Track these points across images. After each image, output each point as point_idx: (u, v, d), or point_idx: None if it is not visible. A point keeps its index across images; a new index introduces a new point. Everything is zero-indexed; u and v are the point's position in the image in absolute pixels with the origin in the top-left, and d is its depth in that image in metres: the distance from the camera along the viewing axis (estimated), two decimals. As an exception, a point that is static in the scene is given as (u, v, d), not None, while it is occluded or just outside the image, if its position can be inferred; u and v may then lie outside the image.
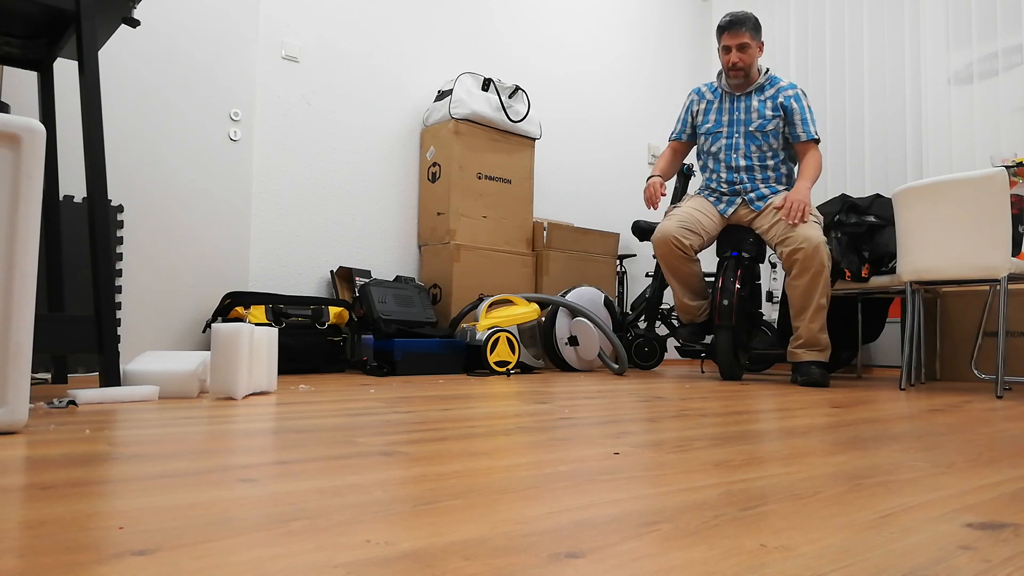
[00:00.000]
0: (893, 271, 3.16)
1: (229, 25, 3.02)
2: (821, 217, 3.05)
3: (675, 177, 3.95)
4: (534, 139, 3.97)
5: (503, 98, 3.83)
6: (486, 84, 3.76)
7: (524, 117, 3.89)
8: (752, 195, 3.12)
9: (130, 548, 0.57)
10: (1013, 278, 2.50)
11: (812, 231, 2.89)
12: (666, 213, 3.21)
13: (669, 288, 3.55)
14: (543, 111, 4.49)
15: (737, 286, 3.02)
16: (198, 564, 0.53)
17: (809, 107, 3.12)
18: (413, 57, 3.88)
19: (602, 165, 4.81)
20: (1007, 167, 3.20)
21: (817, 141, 3.10)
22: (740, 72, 3.12)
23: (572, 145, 4.64)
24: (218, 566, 0.53)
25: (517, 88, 3.90)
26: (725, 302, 2.99)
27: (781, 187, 3.13)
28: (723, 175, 3.18)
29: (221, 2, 3.00)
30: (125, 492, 0.77)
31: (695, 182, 4.93)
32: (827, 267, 2.89)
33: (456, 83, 3.68)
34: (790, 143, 3.17)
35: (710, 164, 3.24)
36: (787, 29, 5.12)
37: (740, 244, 3.14)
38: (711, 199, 3.21)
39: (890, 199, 3.27)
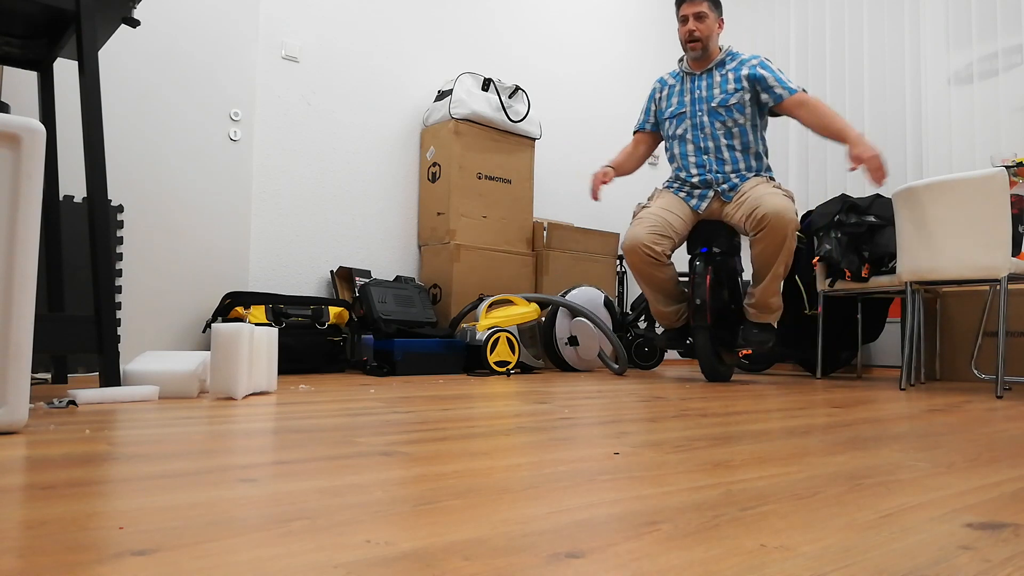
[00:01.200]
0: (893, 271, 3.16)
1: (229, 25, 3.02)
2: (792, 193, 2.92)
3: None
4: (534, 139, 3.97)
5: (503, 98, 3.83)
6: (486, 84, 3.76)
7: (524, 117, 3.88)
8: (724, 186, 2.95)
9: (130, 548, 0.57)
10: (1013, 278, 2.50)
11: (783, 202, 2.74)
12: (634, 213, 3.05)
13: None
14: (543, 111, 4.49)
15: (710, 282, 2.87)
16: (198, 564, 0.53)
17: (780, 70, 2.96)
18: (413, 57, 3.88)
19: (602, 165, 4.81)
20: (1007, 167, 3.20)
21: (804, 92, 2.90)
22: (698, 43, 2.98)
23: (572, 145, 4.64)
24: (218, 566, 0.53)
25: (517, 88, 3.90)
26: (698, 301, 2.84)
27: (752, 175, 2.95)
28: (692, 158, 3.02)
29: (221, 2, 3.00)
30: (125, 492, 0.77)
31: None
32: (790, 239, 2.73)
33: (456, 83, 3.68)
34: (759, 127, 3.00)
35: (676, 149, 3.08)
36: (787, 29, 5.12)
37: (710, 239, 2.97)
38: (681, 194, 3.04)
39: (890, 199, 3.28)
